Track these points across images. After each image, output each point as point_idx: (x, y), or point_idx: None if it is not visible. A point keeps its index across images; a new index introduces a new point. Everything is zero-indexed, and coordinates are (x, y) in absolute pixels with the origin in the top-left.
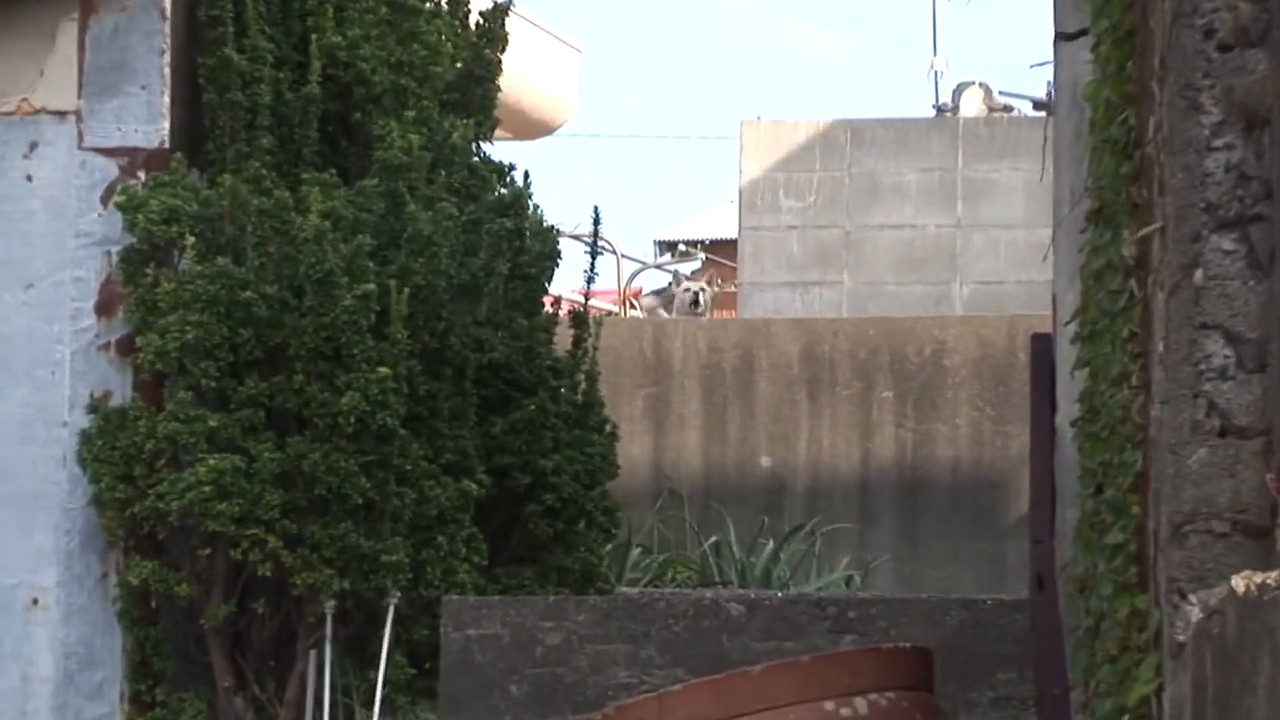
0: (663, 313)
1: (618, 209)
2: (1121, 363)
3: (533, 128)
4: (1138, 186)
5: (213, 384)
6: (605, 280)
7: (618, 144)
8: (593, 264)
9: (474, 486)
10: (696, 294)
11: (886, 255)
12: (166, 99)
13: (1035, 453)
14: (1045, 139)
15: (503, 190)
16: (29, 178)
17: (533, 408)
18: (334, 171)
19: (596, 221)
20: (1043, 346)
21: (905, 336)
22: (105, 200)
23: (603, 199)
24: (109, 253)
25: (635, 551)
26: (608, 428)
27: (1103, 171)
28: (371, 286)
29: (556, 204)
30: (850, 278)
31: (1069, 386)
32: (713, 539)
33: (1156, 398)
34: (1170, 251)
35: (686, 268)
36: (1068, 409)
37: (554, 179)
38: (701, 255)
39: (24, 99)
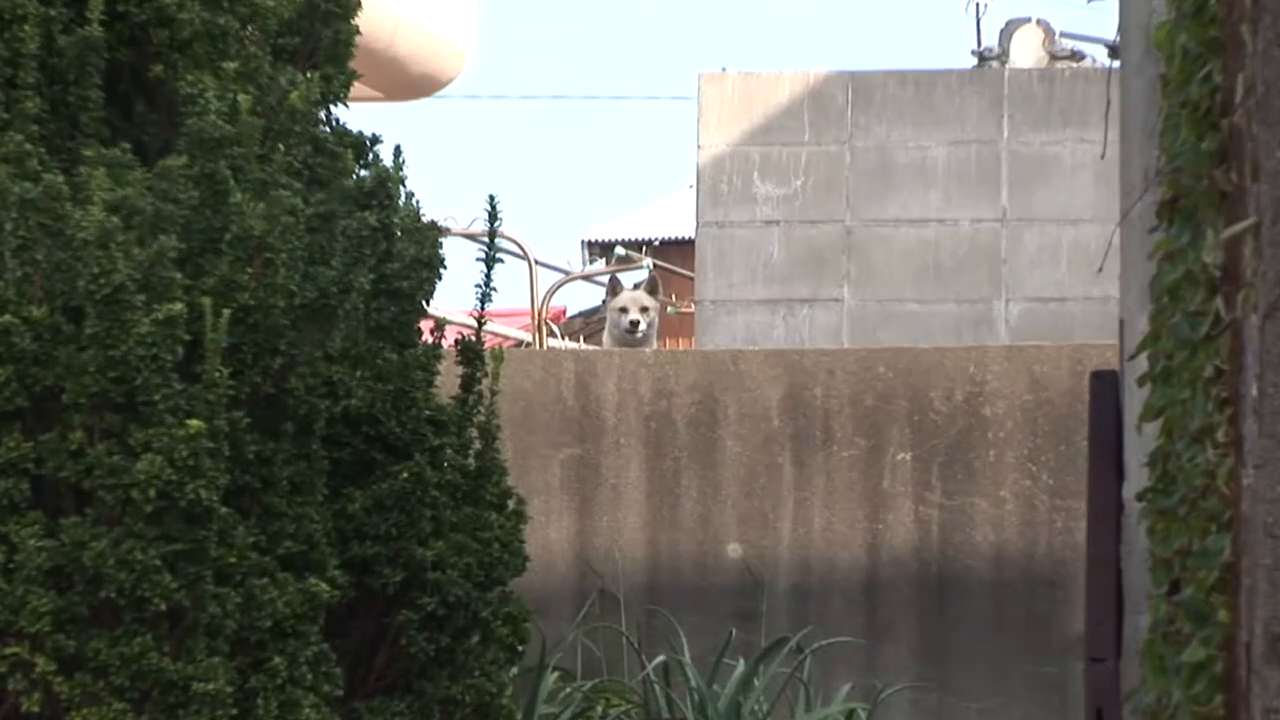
0: (591, 343)
1: (531, 199)
2: (1203, 412)
3: (410, 85)
4: (1224, 169)
5: None
6: (512, 297)
7: (531, 109)
8: (489, 275)
9: (324, 587)
10: (637, 317)
11: (903, 262)
12: None
13: (1094, 537)
14: (1109, 102)
15: (364, 173)
16: None
17: (406, 476)
18: (126, 147)
19: (494, 215)
20: (1105, 389)
21: (929, 375)
22: None
23: (509, 185)
24: None
25: (552, 677)
26: (511, 503)
27: (1178, 148)
28: (180, 307)
29: (442, 191)
30: (853, 293)
31: (1138, 445)
32: (659, 659)
33: (1249, 460)
34: (1267, 258)
35: (626, 279)
36: (1137, 475)
37: (440, 156)
38: (647, 263)
39: None
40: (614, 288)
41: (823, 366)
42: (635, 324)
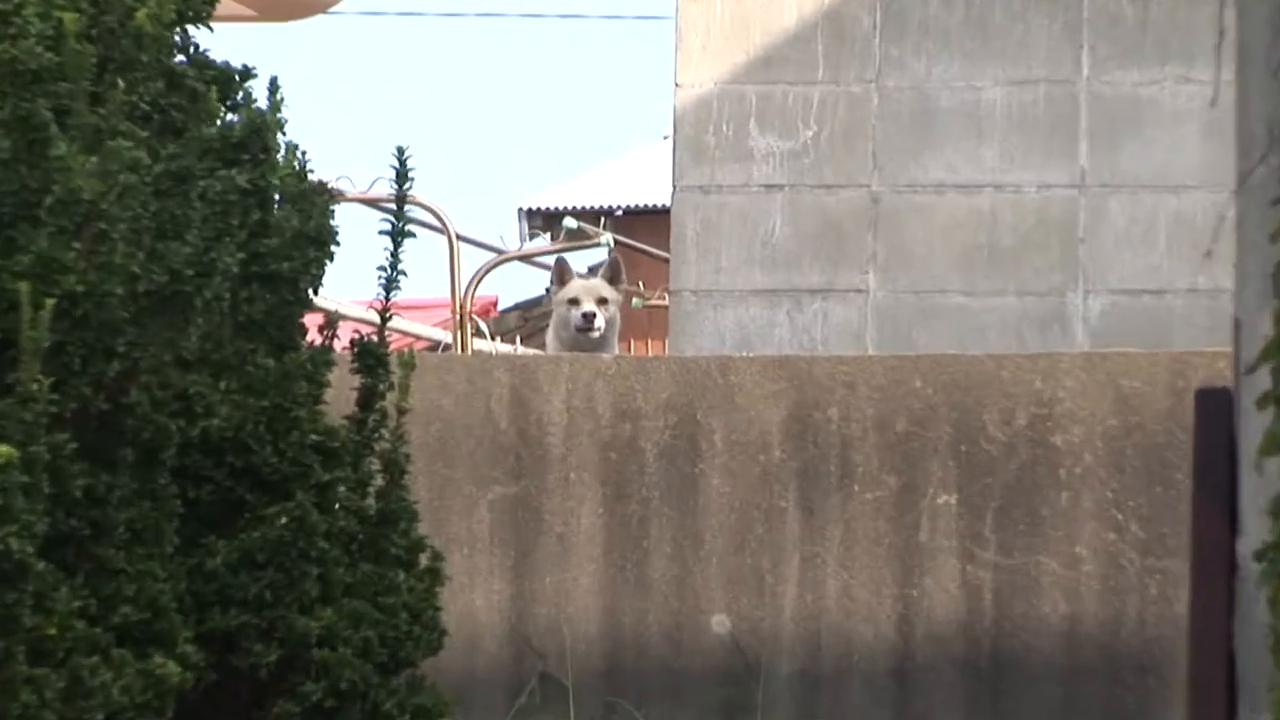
0: (532, 345)
1: (453, 153)
2: None
3: (292, 1)
4: None
5: None
6: (428, 284)
7: (453, 32)
8: (396, 254)
9: (174, 668)
10: (592, 309)
11: (948, 240)
12: None
13: (1199, 608)
14: (1222, 32)
15: (232, 117)
16: None
17: (285, 521)
18: None
19: (403, 174)
20: (1215, 412)
21: (981, 391)
22: None
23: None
24: None
25: None
26: (425, 559)
27: None
28: None
29: (335, 142)
30: (880, 281)
31: (1257, 486)
32: None
33: None
34: None
35: (578, 262)
36: (1255, 527)
37: (332, 96)
38: (606, 239)
39: None
40: (561, 274)
41: (840, 379)
42: (590, 319)
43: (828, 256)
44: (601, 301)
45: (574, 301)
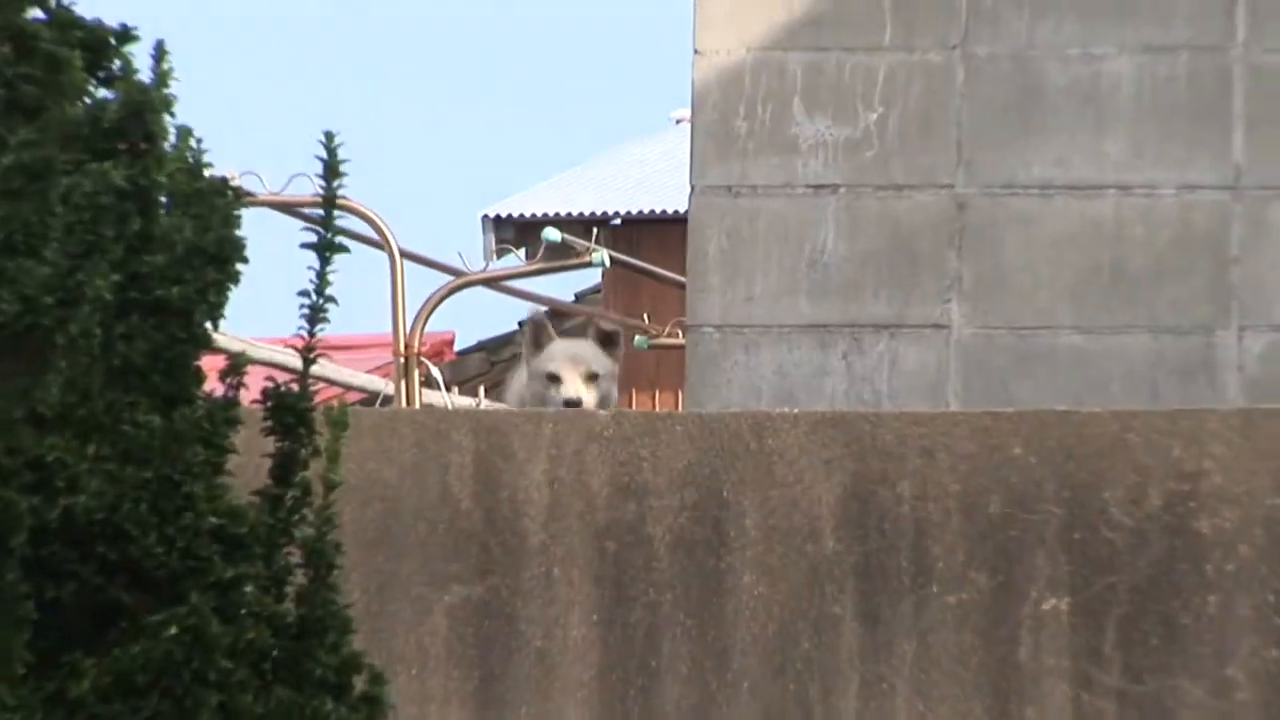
0: (497, 397)
1: (397, 143)
2: None
3: None
4: None
5: None
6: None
7: None
8: (322, 275)
9: None
10: (577, 395)
11: (1057, 259)
12: None
13: None
14: None
15: (105, 93)
16: None
17: (175, 633)
18: None
19: (333, 168)
20: None
21: (1102, 461)
22: None
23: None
24: None
25: None
26: (360, 683)
27: None
28: None
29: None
30: (967, 313)
31: None
32: None
33: None
34: None
35: (564, 286)
36: None
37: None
38: (600, 255)
39: None
40: (536, 335)
41: (913, 444)
42: (575, 407)
43: (897, 281)
44: (591, 378)
45: (553, 379)
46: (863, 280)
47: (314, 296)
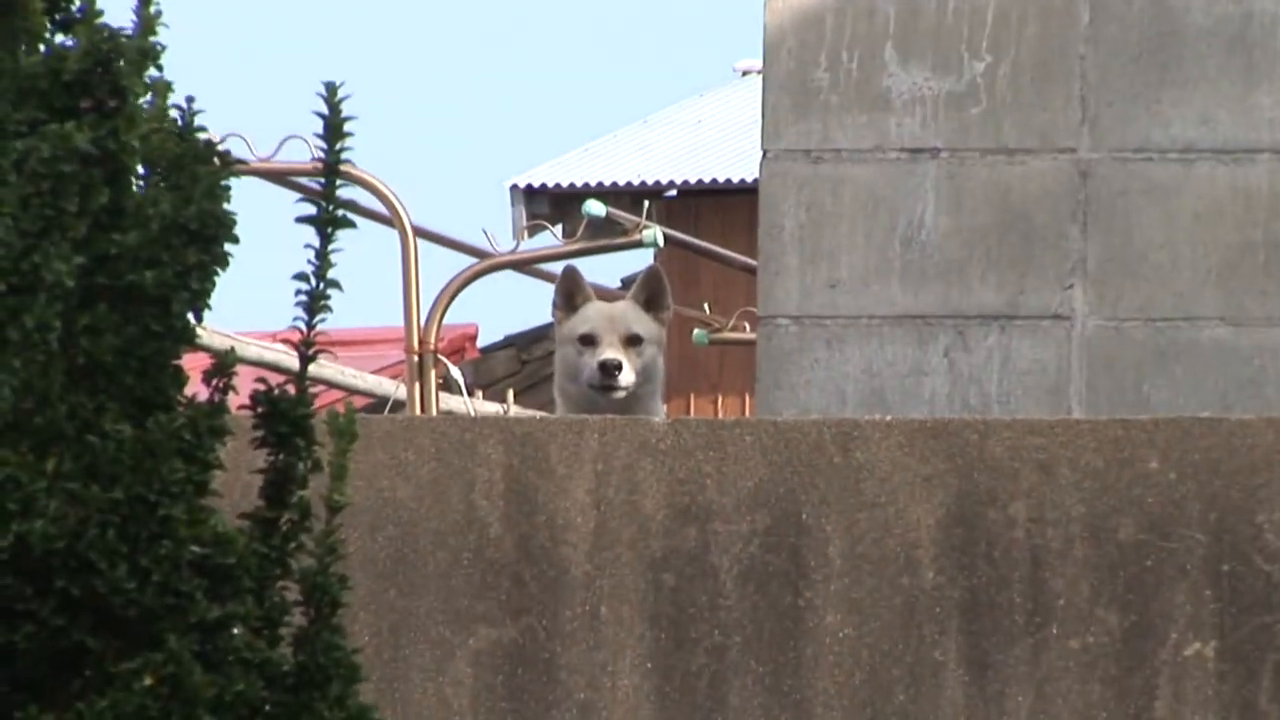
0: (529, 402)
1: (409, 103)
2: None
3: None
4: None
5: None
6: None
7: None
8: (324, 258)
9: None
10: (615, 357)
11: (1199, 236)
12: None
13: None
14: None
15: (65, 40)
16: None
17: (149, 683)
18: None
19: (337, 130)
20: None
21: (1257, 477)
22: None
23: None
24: None
25: None
26: None
27: None
28: None
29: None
30: (1093, 302)
31: None
32: None
33: None
34: None
35: (608, 270)
36: None
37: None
38: (653, 233)
39: None
40: (570, 290)
41: (1029, 457)
42: (612, 372)
43: (1009, 262)
44: (632, 341)
45: (588, 340)
46: (968, 262)
47: (313, 281)
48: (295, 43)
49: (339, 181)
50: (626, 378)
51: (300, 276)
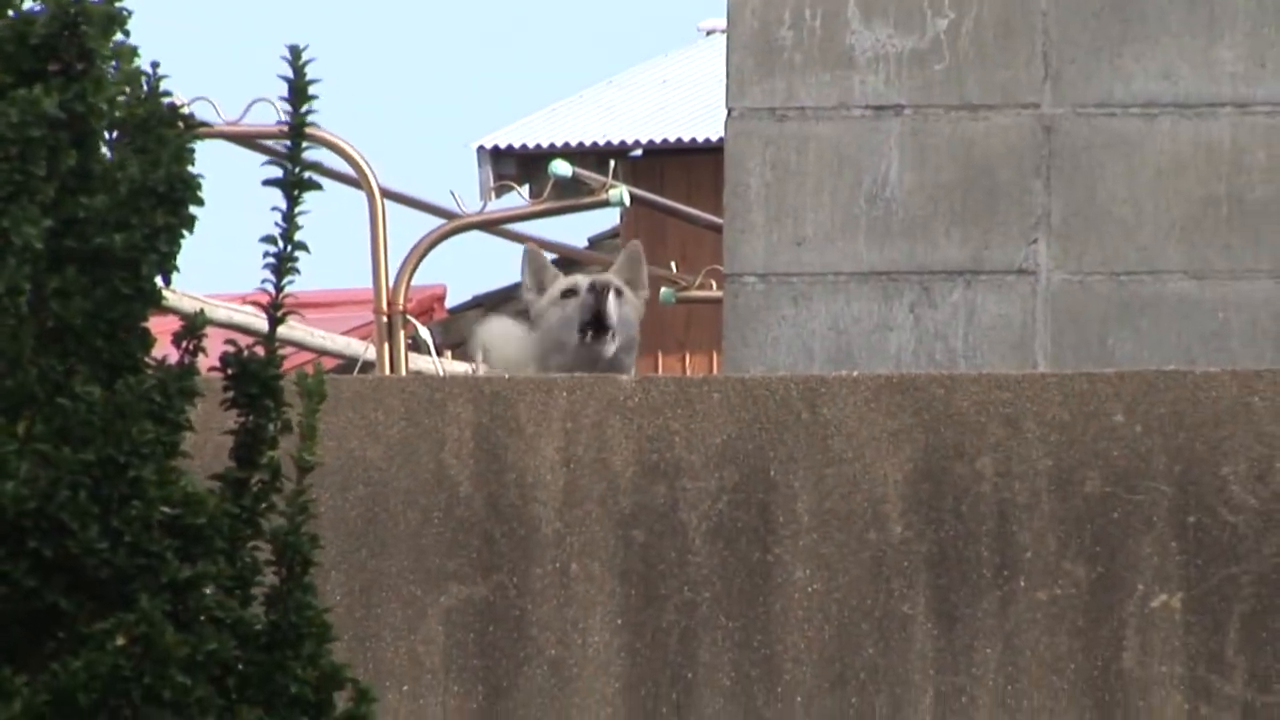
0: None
1: (374, 60)
2: None
3: None
4: None
5: None
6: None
7: None
8: (290, 220)
9: None
10: (597, 300)
11: (1161, 190)
12: None
13: None
14: None
15: (32, 5)
16: None
17: (121, 643)
18: None
19: (301, 92)
20: None
21: (1220, 430)
22: None
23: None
24: None
25: None
26: (343, 699)
27: None
28: None
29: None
30: (1057, 256)
31: None
32: None
33: None
34: None
35: (576, 229)
36: None
37: None
38: (619, 192)
39: None
40: (538, 270)
41: (995, 411)
42: (599, 313)
43: (973, 218)
44: (614, 294)
45: (571, 292)
46: (933, 218)
47: (280, 244)
48: (264, 5)
49: (305, 144)
50: (614, 311)
51: (267, 239)
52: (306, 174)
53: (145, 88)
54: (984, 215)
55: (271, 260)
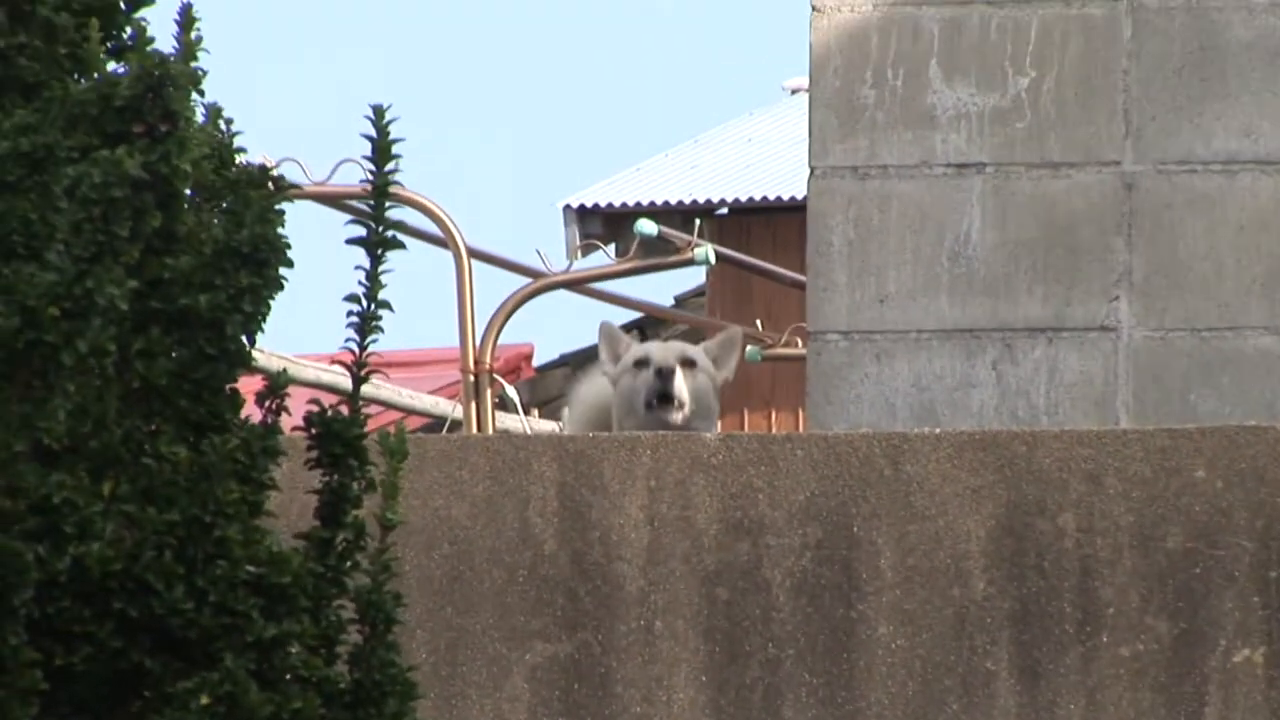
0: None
1: (460, 124)
2: None
3: None
4: None
5: None
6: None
7: None
8: (374, 279)
9: None
10: (670, 367)
11: (1244, 247)
12: None
13: None
14: None
15: (117, 66)
16: None
17: (205, 702)
18: None
19: (385, 151)
20: None
21: None
22: None
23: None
24: None
25: None
26: None
27: None
28: None
29: (280, 107)
30: (1139, 313)
31: None
32: None
33: None
34: None
35: (660, 289)
36: None
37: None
38: (705, 250)
39: None
40: (613, 343)
41: (1077, 468)
42: (667, 379)
43: (1055, 275)
44: (686, 364)
45: (643, 363)
46: (1014, 275)
47: (364, 302)
48: (351, 66)
49: (388, 203)
50: (680, 388)
51: (351, 298)
52: (389, 233)
53: (228, 148)
54: (1065, 272)
55: (355, 319)
